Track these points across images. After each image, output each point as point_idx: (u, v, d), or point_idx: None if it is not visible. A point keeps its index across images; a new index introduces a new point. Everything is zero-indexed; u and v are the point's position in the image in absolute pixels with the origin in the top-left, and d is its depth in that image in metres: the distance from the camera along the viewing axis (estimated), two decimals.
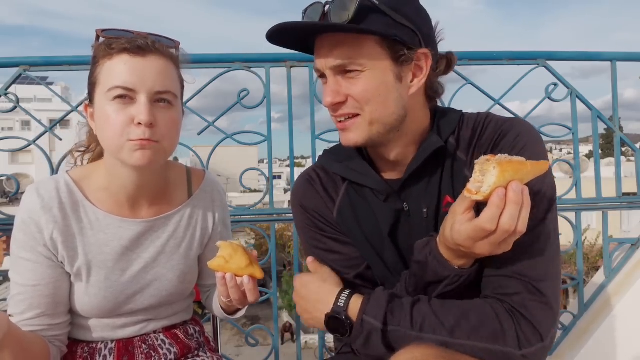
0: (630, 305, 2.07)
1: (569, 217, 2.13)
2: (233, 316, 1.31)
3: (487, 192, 0.80)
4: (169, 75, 1.08)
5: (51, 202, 1.09)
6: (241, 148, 12.12)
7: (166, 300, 1.23)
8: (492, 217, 0.81)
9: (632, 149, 2.18)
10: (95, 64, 1.07)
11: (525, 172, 0.82)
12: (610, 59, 2.17)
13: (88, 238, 1.12)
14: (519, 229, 0.82)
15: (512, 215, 0.80)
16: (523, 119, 1.06)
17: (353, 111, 0.97)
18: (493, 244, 0.84)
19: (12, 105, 1.95)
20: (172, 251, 1.22)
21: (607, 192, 2.17)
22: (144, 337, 1.22)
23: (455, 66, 2.15)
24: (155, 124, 1.04)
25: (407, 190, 1.05)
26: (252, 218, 2.17)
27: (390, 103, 0.97)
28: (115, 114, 1.03)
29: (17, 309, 1.10)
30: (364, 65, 0.94)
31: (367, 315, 0.95)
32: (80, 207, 1.12)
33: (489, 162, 0.80)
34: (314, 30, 0.98)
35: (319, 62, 0.99)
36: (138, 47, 1.04)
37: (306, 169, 1.20)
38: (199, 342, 1.33)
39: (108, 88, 1.03)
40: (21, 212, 1.09)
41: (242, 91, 2.02)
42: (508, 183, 0.80)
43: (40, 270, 1.09)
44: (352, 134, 0.99)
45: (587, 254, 15.18)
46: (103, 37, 1.08)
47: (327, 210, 1.11)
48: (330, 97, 0.97)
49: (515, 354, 0.88)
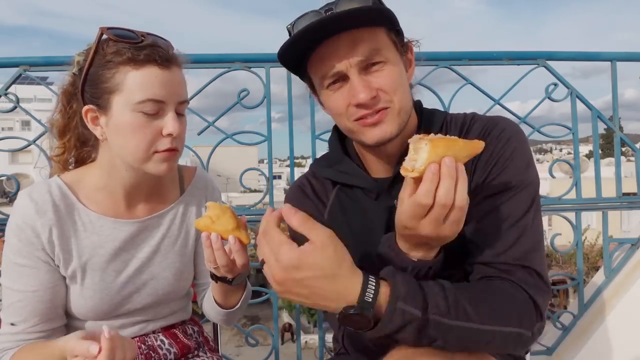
0: (630, 305, 2.07)
1: (569, 217, 2.13)
2: (229, 310, 1.23)
3: (421, 168, 0.81)
4: (185, 83, 1.11)
5: (45, 205, 1.08)
6: (241, 148, 12.12)
7: (163, 299, 1.23)
8: (426, 190, 0.80)
9: (632, 149, 2.18)
10: (109, 68, 1.03)
11: (457, 148, 0.83)
12: (610, 59, 2.17)
13: (82, 240, 1.12)
14: (457, 203, 0.81)
15: (448, 188, 0.80)
16: (508, 118, 1.07)
17: (385, 105, 0.96)
18: (435, 220, 0.82)
19: (12, 105, 1.95)
20: (167, 249, 1.22)
21: (607, 192, 2.17)
22: (143, 338, 1.22)
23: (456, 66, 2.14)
24: (180, 133, 1.07)
25: (397, 187, 1.05)
26: (252, 218, 2.17)
27: (408, 91, 1.00)
28: (144, 126, 1.03)
29: (18, 316, 1.09)
30: (386, 56, 0.96)
31: (403, 302, 0.78)
32: (74, 210, 1.12)
33: (422, 140, 0.82)
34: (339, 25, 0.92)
35: (340, 64, 0.95)
36: (166, 59, 1.05)
37: (298, 177, 1.21)
38: (198, 341, 1.33)
39: (139, 100, 1.02)
40: (15, 217, 1.08)
41: (242, 91, 2.02)
42: (441, 159, 0.81)
43: (39, 275, 1.09)
44: (388, 125, 0.97)
45: (587, 254, 15.19)
46: (109, 36, 1.04)
47: (318, 214, 1.12)
48: (364, 92, 0.94)
49: (527, 335, 0.88)
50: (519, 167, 0.97)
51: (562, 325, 2.15)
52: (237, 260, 1.02)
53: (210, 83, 2.02)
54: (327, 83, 0.99)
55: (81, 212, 1.13)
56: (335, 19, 0.91)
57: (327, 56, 0.96)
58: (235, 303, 1.23)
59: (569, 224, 2.13)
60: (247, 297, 1.25)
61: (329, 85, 0.99)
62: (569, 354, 2.09)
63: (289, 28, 0.99)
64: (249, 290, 1.25)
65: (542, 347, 2.17)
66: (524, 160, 0.98)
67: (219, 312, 1.25)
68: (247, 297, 1.24)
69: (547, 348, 2.15)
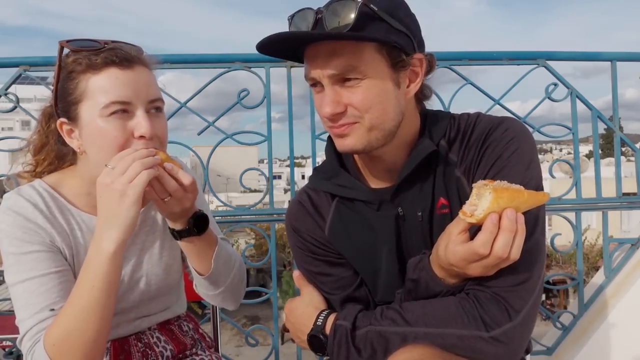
0: (630, 306, 2.07)
1: (569, 217, 2.13)
2: (208, 275, 1.15)
3: (480, 216, 0.82)
4: (154, 82, 1.08)
5: (40, 204, 1.06)
6: (241, 148, 12.13)
7: (155, 295, 1.22)
8: (485, 241, 0.82)
9: (632, 149, 2.18)
10: (72, 79, 1.02)
11: (521, 201, 0.83)
12: (610, 59, 2.17)
13: (78, 239, 1.11)
14: (512, 256, 0.84)
15: (506, 242, 0.82)
16: (514, 118, 1.06)
17: (352, 120, 0.95)
18: (486, 267, 0.86)
19: (12, 105, 1.95)
20: (152, 245, 1.21)
21: (607, 192, 2.17)
22: (139, 336, 1.22)
23: (456, 66, 2.14)
24: (154, 133, 1.03)
25: (401, 195, 1.04)
26: (252, 218, 2.17)
27: (390, 109, 0.96)
28: (115, 131, 1.00)
29: (45, 300, 1.00)
30: (364, 73, 0.92)
31: (339, 320, 1.01)
32: (65, 210, 1.11)
33: (486, 187, 0.82)
34: (312, 39, 0.94)
35: (314, 71, 0.94)
36: (125, 59, 1.02)
37: (298, 191, 1.21)
38: (194, 338, 1.33)
39: (104, 104, 1.00)
40: (11, 216, 1.04)
41: (242, 91, 2.02)
42: (503, 210, 0.82)
43: (56, 257, 1.05)
44: (350, 140, 0.96)
45: (587, 254, 15.20)
46: (69, 48, 1.03)
47: (318, 229, 1.12)
48: (330, 107, 0.93)
49: (482, 337, 0.89)
50: (518, 168, 0.95)
51: (562, 325, 2.15)
52: (182, 179, 1.02)
53: (210, 83, 2.02)
54: (310, 83, 1.00)
55: (73, 212, 1.12)
56: (316, 34, 0.92)
57: (309, 60, 0.96)
58: (210, 265, 1.16)
59: (569, 224, 2.13)
60: (220, 255, 1.16)
61: (311, 85, 1.00)
62: (569, 354, 2.09)
63: (289, 19, 0.98)
64: (221, 247, 1.17)
65: (542, 347, 2.17)
66: (524, 161, 0.96)
67: (202, 284, 1.19)
68: (220, 254, 1.15)
69: (547, 348, 2.15)
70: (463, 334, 0.90)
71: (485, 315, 0.90)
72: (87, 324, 0.95)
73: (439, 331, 0.91)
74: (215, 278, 1.17)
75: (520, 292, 0.91)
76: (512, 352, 0.91)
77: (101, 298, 0.96)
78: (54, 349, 0.95)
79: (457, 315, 0.91)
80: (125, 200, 0.95)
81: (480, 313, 0.90)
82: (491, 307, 0.90)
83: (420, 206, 1.02)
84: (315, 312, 1.07)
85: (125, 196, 0.95)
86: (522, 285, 0.91)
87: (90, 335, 0.96)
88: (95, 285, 0.96)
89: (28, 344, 0.99)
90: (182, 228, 1.09)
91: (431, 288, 0.95)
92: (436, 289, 0.95)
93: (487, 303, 0.91)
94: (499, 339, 0.89)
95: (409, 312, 0.95)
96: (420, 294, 0.97)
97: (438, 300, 0.95)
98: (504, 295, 0.91)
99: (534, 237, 0.93)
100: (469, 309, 0.91)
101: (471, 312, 0.91)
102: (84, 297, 0.96)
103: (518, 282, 0.91)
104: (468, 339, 0.90)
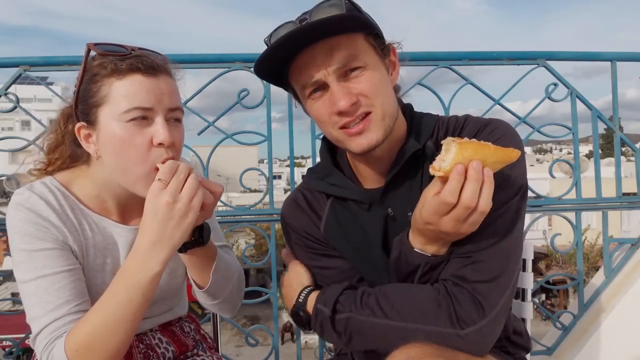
0: (630, 306, 2.07)
1: (569, 217, 2.13)
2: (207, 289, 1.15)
3: (447, 168, 0.85)
4: (176, 92, 1.08)
5: (52, 202, 1.06)
6: (241, 148, 12.12)
7: (158, 298, 1.22)
8: (452, 190, 0.85)
9: (632, 149, 2.18)
10: (95, 82, 1.02)
11: (487, 154, 0.85)
12: (610, 59, 2.17)
13: (89, 240, 1.11)
14: (481, 206, 0.85)
15: (473, 190, 0.84)
16: (501, 119, 1.07)
17: (367, 109, 0.96)
18: (457, 219, 0.87)
19: (12, 105, 1.96)
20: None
21: (607, 192, 2.17)
22: (140, 337, 1.22)
23: (456, 66, 2.14)
24: (172, 141, 1.02)
25: (390, 196, 1.06)
26: (252, 218, 2.17)
27: (391, 94, 1.00)
28: (133, 136, 0.99)
29: (59, 298, 0.99)
30: (364, 61, 0.96)
31: (319, 304, 1.04)
32: (76, 209, 1.10)
33: (453, 142, 0.85)
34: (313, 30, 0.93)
35: (317, 73, 0.95)
36: (151, 67, 1.02)
37: (292, 190, 1.22)
38: (196, 339, 1.33)
39: (124, 110, 0.99)
40: (23, 212, 1.02)
41: (242, 91, 2.02)
42: (469, 161, 0.84)
43: (68, 256, 1.05)
44: (373, 133, 0.97)
45: (587, 254, 15.19)
46: (96, 51, 1.03)
47: (314, 227, 1.13)
48: (345, 99, 0.94)
49: (455, 334, 0.91)
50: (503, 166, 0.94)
51: (562, 325, 2.15)
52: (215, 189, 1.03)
53: (210, 83, 2.02)
54: (308, 92, 0.99)
55: (84, 211, 1.11)
56: (310, 28, 0.91)
57: (305, 66, 0.96)
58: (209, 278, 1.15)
59: (569, 224, 2.13)
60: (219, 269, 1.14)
61: (310, 94, 0.99)
62: (569, 354, 2.09)
63: (266, 40, 0.99)
64: (220, 260, 1.16)
65: (542, 347, 2.17)
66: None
67: (201, 295, 1.18)
68: (219, 268, 1.14)
69: (547, 348, 2.15)
70: (439, 330, 0.92)
71: (461, 311, 0.91)
72: (114, 335, 0.95)
73: (416, 326, 0.93)
74: (213, 291, 1.17)
75: (495, 288, 0.93)
76: (485, 346, 0.93)
77: (136, 312, 0.96)
78: (76, 355, 0.94)
79: (434, 312, 0.93)
80: (185, 221, 0.94)
81: (456, 310, 0.92)
82: (466, 304, 0.92)
83: (410, 206, 1.02)
84: (299, 287, 1.10)
85: (186, 218, 0.94)
86: (497, 281, 0.93)
87: (114, 346, 0.96)
88: (134, 300, 0.95)
89: (43, 342, 0.98)
90: (188, 240, 1.06)
91: (410, 261, 0.97)
92: (415, 261, 0.96)
93: (462, 300, 0.92)
94: (473, 336, 0.91)
95: (388, 302, 0.96)
96: (402, 270, 0.99)
97: (417, 290, 0.96)
98: (479, 291, 0.92)
99: (512, 234, 0.95)
100: (445, 306, 0.92)
101: (447, 310, 0.92)
102: (118, 309, 0.95)
103: (493, 276, 0.93)
104: (443, 335, 0.92)
